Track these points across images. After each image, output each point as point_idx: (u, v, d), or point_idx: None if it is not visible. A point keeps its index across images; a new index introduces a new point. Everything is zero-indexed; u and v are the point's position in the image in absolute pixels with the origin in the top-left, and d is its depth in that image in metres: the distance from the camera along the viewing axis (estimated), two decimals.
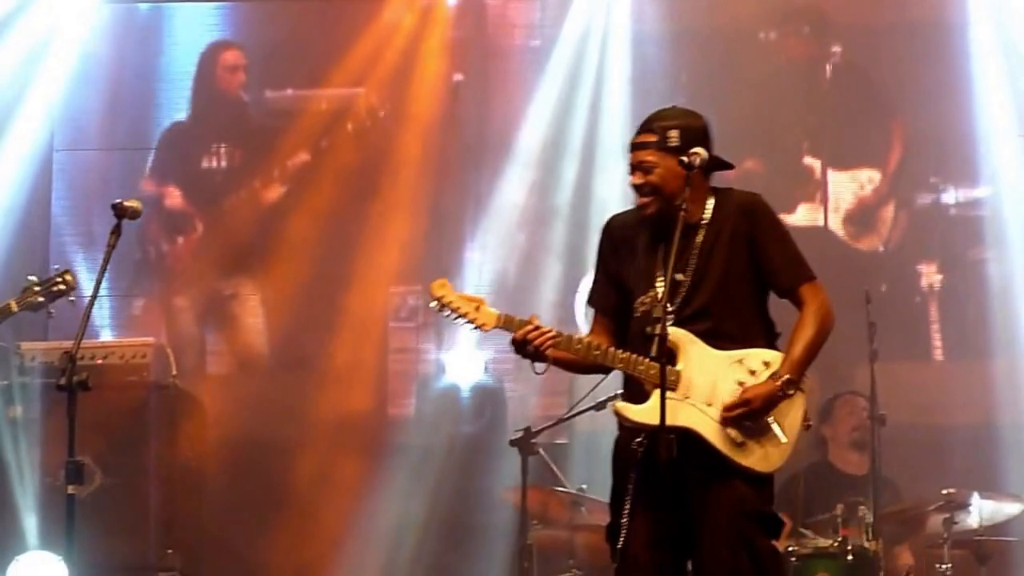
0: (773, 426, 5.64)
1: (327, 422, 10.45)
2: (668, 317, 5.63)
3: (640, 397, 5.60)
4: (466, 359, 10.52)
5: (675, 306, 5.67)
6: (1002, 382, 10.12)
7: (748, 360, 5.67)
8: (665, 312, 5.52)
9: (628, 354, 5.63)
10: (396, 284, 10.92)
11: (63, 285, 7.07)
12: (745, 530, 5.59)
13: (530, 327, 5.67)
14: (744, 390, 5.63)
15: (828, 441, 9.36)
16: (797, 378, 5.65)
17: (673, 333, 5.63)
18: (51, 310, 7.09)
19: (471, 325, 5.75)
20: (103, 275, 6.28)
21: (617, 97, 10.63)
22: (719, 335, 5.68)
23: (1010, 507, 8.71)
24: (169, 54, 11.27)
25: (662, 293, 5.57)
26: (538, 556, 8.91)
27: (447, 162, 10.96)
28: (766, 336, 5.77)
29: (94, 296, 6.50)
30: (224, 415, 10.25)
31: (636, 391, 5.65)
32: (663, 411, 5.43)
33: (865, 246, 10.74)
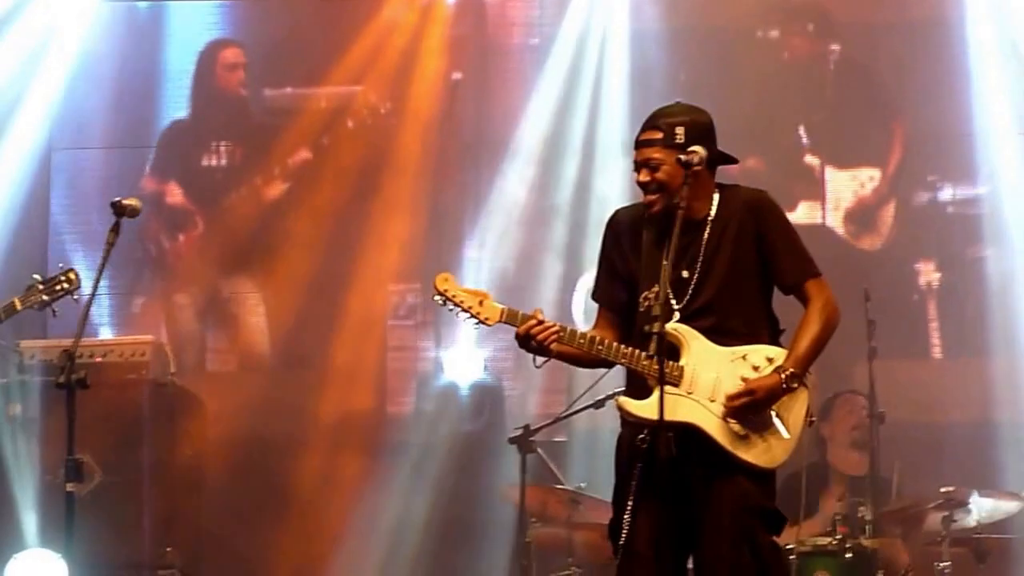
0: (776, 421, 5.64)
1: (326, 420, 10.45)
2: (674, 314, 5.64)
3: (643, 392, 5.59)
4: (465, 357, 10.51)
5: (682, 303, 5.68)
6: (1000, 380, 10.12)
7: (752, 356, 5.67)
8: (664, 310, 5.49)
9: (631, 349, 5.62)
10: (395, 282, 10.93)
11: (67, 283, 7.08)
12: (747, 526, 5.58)
13: (533, 322, 5.65)
14: (748, 381, 5.62)
15: (827, 441, 9.35)
16: (801, 372, 5.65)
17: (677, 329, 5.64)
18: (55, 308, 7.09)
19: (475, 319, 5.73)
20: (102, 273, 6.29)
21: (616, 95, 10.63)
22: (723, 331, 5.68)
23: (1009, 505, 8.70)
24: (168, 52, 11.27)
25: (660, 291, 5.54)
26: (537, 554, 8.91)
27: (446, 160, 10.96)
28: (770, 332, 5.77)
29: (93, 294, 6.53)
30: (224, 413, 10.25)
31: (639, 386, 5.64)
32: (662, 410, 5.42)
33: (866, 245, 10.74)
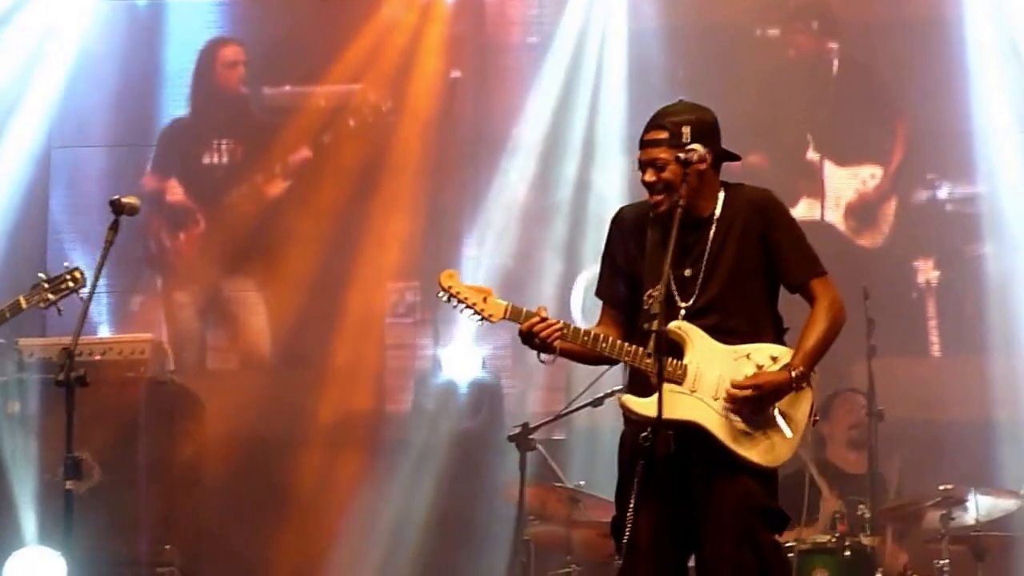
0: (779, 420, 5.63)
1: (325, 418, 10.45)
2: (679, 312, 5.64)
3: (646, 390, 5.56)
4: (464, 355, 10.50)
5: (687, 302, 5.67)
6: (999, 378, 10.12)
7: (755, 355, 5.66)
8: (663, 309, 5.47)
9: (634, 347, 5.60)
10: (394, 280, 10.92)
11: (72, 282, 7.08)
12: (749, 524, 5.57)
13: (536, 319, 5.65)
14: (756, 375, 5.61)
15: (826, 439, 9.35)
16: (809, 371, 5.64)
17: (680, 327, 5.64)
18: (60, 307, 7.10)
19: (478, 316, 5.72)
20: (101, 271, 6.29)
21: (615, 93, 10.63)
22: (727, 330, 5.67)
23: (1007, 503, 8.71)
24: (167, 51, 11.27)
25: (660, 289, 5.52)
26: (536, 552, 8.91)
27: (445, 158, 10.96)
28: (775, 332, 5.76)
29: (92, 292, 6.54)
30: (224, 411, 10.24)
31: (642, 384, 5.61)
32: (660, 408, 5.41)
33: (866, 241, 10.74)
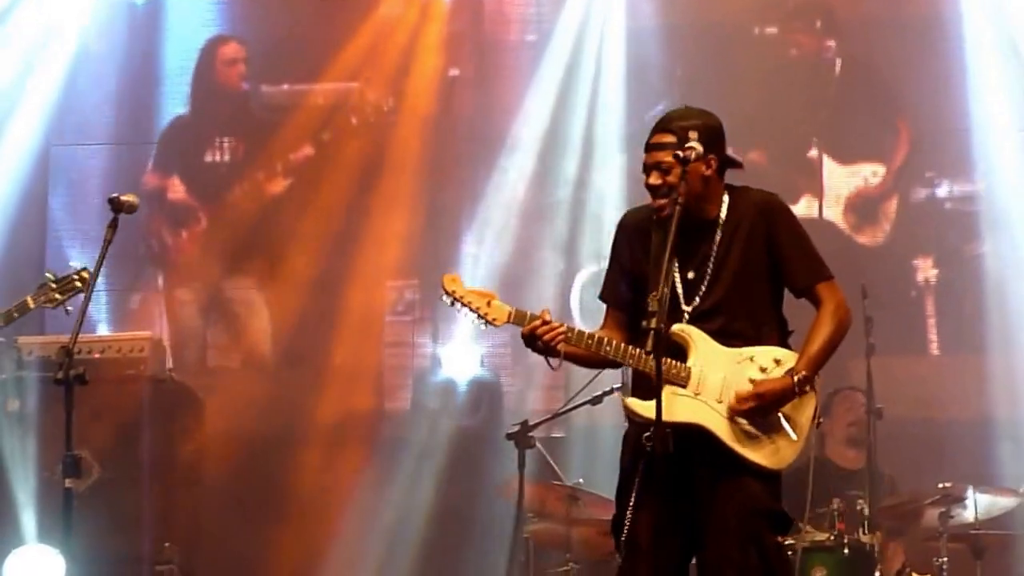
0: (784, 423, 5.63)
1: (325, 416, 10.45)
2: (683, 315, 5.64)
3: (650, 393, 5.52)
4: (462, 353, 10.51)
5: (691, 305, 5.67)
6: (998, 376, 10.12)
7: (759, 357, 5.66)
8: (661, 308, 5.43)
9: (638, 350, 5.58)
10: (393, 278, 10.92)
11: (80, 283, 7.09)
12: (754, 527, 5.57)
13: (538, 322, 5.64)
14: (758, 383, 5.61)
15: (825, 436, 9.35)
16: (812, 376, 5.64)
17: (684, 330, 5.64)
18: (68, 307, 7.10)
19: (482, 320, 5.72)
20: (99, 269, 6.29)
21: (613, 91, 10.61)
22: (732, 333, 5.66)
23: (1006, 501, 8.71)
24: (166, 49, 11.27)
25: (660, 288, 5.50)
26: (535, 550, 8.91)
27: (444, 156, 10.96)
28: (779, 334, 5.76)
29: (91, 290, 6.53)
30: (224, 409, 10.24)
31: (646, 386, 5.59)
32: (659, 407, 5.39)
33: (867, 238, 10.73)
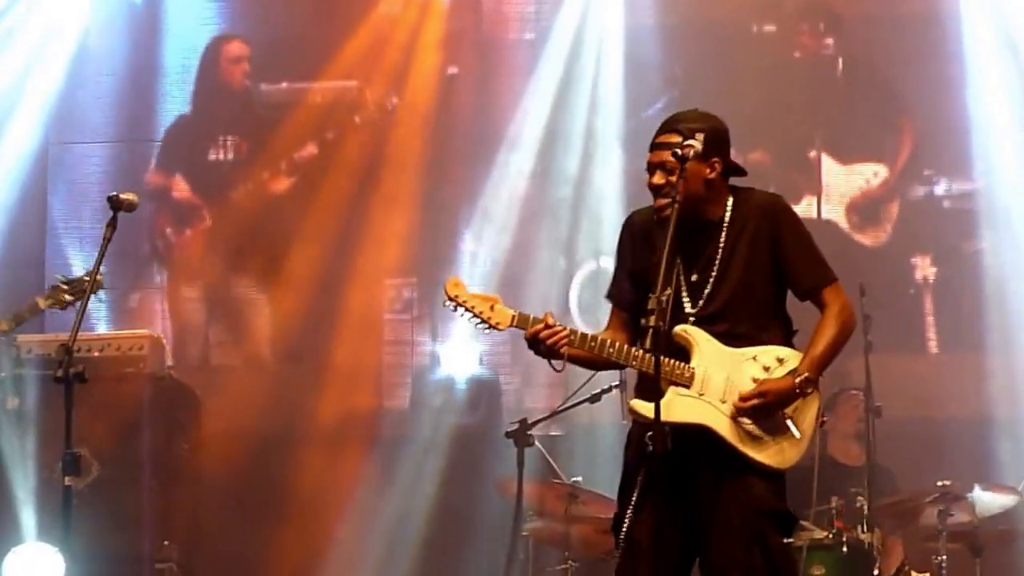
0: (788, 422, 5.63)
1: (324, 415, 10.45)
2: (688, 318, 5.64)
3: (655, 393, 5.50)
4: (462, 351, 10.51)
5: (696, 307, 5.66)
6: (997, 374, 10.13)
7: (762, 357, 5.66)
8: (659, 306, 5.41)
9: (642, 352, 5.56)
10: (392, 276, 10.92)
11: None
12: (759, 528, 5.57)
13: (541, 325, 5.63)
14: (761, 383, 5.61)
15: (829, 433, 9.34)
16: (815, 377, 5.64)
17: (687, 331, 5.64)
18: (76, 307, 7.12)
19: (485, 324, 5.71)
20: (99, 267, 6.30)
21: (612, 90, 10.60)
22: (737, 335, 5.66)
23: (1005, 499, 8.72)
24: (165, 47, 11.27)
25: (660, 286, 5.48)
26: (534, 548, 8.92)
27: (443, 155, 10.96)
28: (783, 334, 5.76)
29: (90, 289, 6.54)
30: (226, 407, 10.25)
31: (651, 387, 5.55)
32: (658, 406, 5.39)
33: (869, 240, 10.73)
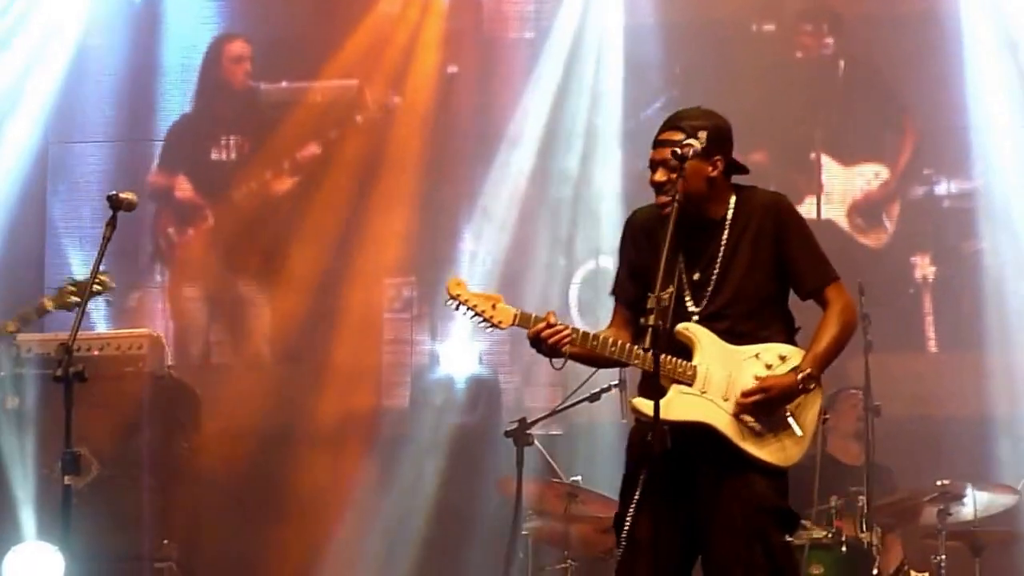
0: (790, 420, 5.64)
1: (324, 414, 10.46)
2: (691, 317, 5.64)
3: (658, 391, 5.50)
4: (461, 350, 10.52)
5: (700, 306, 5.67)
6: (996, 373, 10.13)
7: (764, 354, 5.67)
8: (658, 304, 5.42)
9: (643, 350, 5.52)
10: (391, 275, 10.92)
11: (99, 286, 7.10)
12: (761, 525, 5.57)
13: (543, 325, 5.63)
14: (764, 378, 5.61)
15: (829, 432, 9.32)
16: (818, 374, 5.64)
17: (689, 328, 5.65)
18: (87, 310, 7.13)
19: (487, 323, 5.72)
20: (98, 267, 6.30)
21: (611, 89, 10.60)
22: (740, 333, 5.67)
23: (1004, 498, 8.72)
24: (164, 46, 11.27)
25: (657, 290, 5.47)
26: (533, 547, 8.91)
27: (442, 154, 10.96)
28: (786, 332, 5.76)
29: (90, 288, 6.54)
30: (227, 406, 10.25)
31: (654, 385, 5.52)
32: (656, 405, 5.39)
33: (871, 241, 10.72)
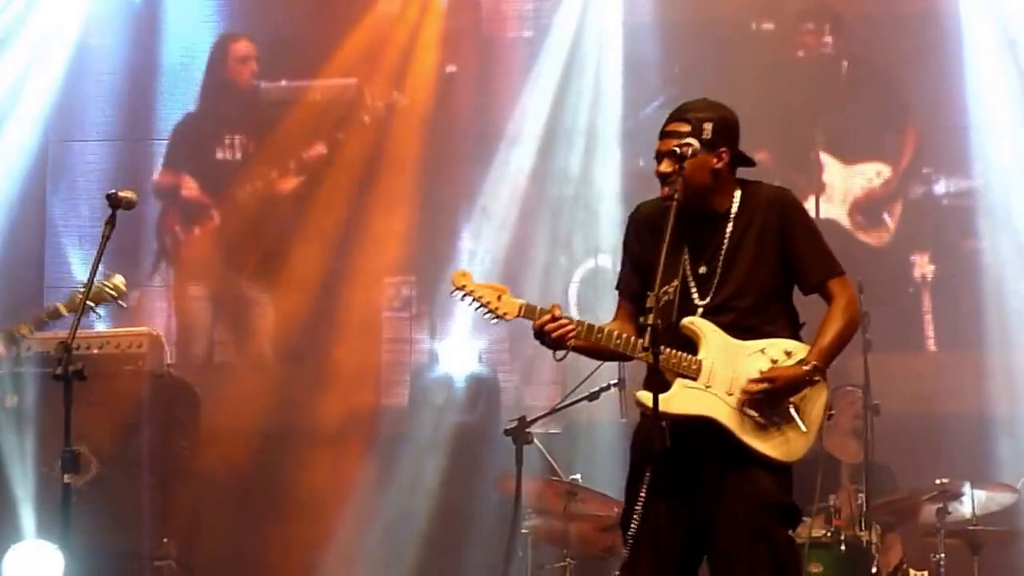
0: (794, 414, 5.64)
1: (324, 413, 10.46)
2: (696, 310, 5.64)
3: (662, 386, 5.52)
4: (460, 349, 10.52)
5: (705, 299, 5.67)
6: (996, 372, 10.13)
7: (770, 350, 5.67)
8: (655, 303, 5.40)
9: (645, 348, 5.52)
10: (390, 275, 10.93)
11: (112, 291, 7.11)
12: (764, 521, 5.57)
13: (547, 317, 5.63)
14: (770, 370, 5.62)
15: (827, 430, 9.30)
16: (824, 366, 5.65)
17: (694, 323, 5.65)
18: (99, 312, 7.14)
19: (493, 314, 5.72)
20: (98, 265, 6.29)
21: (611, 88, 10.60)
22: (745, 327, 5.67)
23: (1003, 497, 8.72)
24: (164, 45, 11.27)
25: (658, 279, 5.47)
26: (533, 546, 8.92)
27: (442, 153, 10.96)
28: (790, 327, 5.76)
29: (89, 287, 6.54)
30: (229, 404, 10.26)
31: (659, 379, 5.54)
32: (656, 404, 5.40)
33: (873, 240, 10.72)
